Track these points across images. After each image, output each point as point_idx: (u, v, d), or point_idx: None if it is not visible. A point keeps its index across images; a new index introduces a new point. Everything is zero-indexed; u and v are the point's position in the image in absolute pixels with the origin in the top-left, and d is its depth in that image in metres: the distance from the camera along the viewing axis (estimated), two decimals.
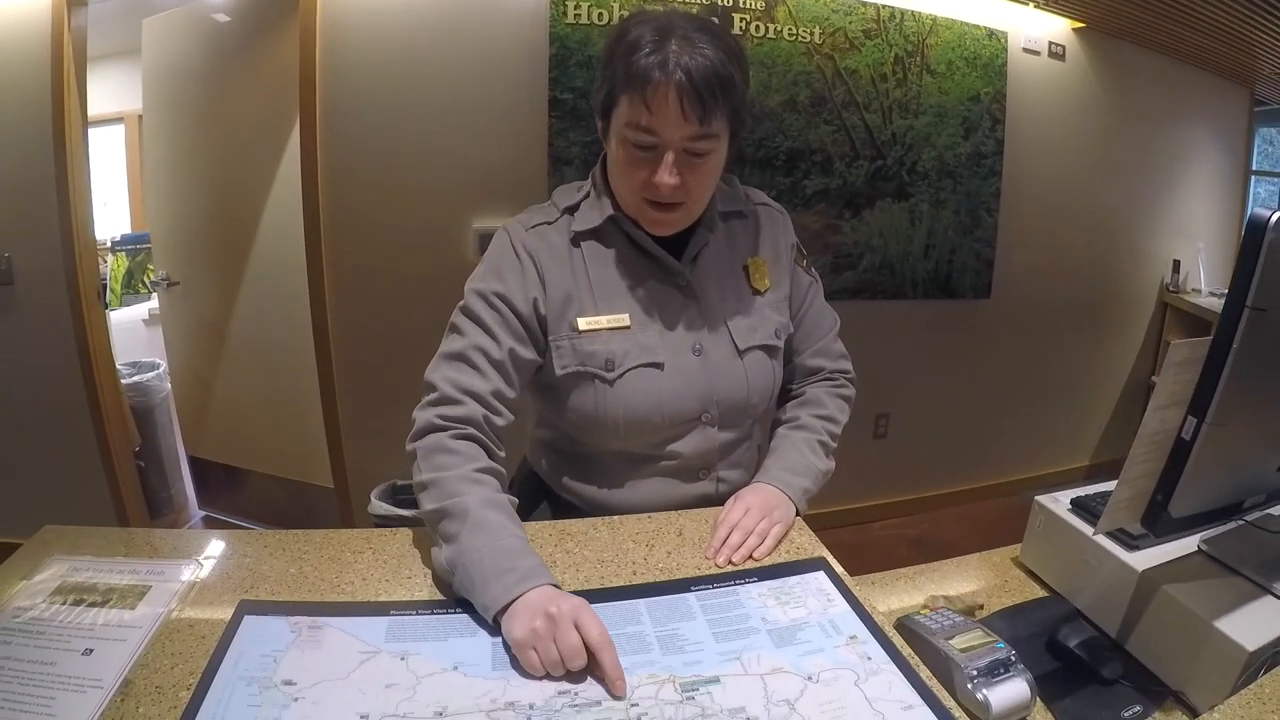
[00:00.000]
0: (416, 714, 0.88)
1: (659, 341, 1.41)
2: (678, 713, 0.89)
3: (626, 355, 1.39)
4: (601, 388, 1.39)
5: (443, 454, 1.24)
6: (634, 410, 1.39)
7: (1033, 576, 1.42)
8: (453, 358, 1.34)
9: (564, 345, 1.39)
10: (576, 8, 3.14)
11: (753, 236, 1.55)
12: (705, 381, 1.43)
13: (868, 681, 0.95)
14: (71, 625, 1.04)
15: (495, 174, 3.22)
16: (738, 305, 1.49)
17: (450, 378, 1.31)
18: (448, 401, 1.29)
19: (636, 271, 1.44)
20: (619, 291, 1.42)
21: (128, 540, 1.33)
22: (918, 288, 3.95)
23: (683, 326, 1.44)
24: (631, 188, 1.34)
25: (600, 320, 1.39)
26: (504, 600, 1.04)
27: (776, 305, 1.54)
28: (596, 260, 1.43)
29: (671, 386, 1.40)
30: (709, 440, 1.47)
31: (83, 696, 0.91)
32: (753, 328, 1.48)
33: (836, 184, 3.64)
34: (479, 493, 1.19)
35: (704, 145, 1.29)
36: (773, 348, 1.50)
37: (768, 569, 1.21)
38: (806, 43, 3.47)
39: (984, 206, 3.97)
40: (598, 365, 1.38)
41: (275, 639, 1.00)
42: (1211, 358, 0.95)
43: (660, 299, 1.43)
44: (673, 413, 1.41)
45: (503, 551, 1.10)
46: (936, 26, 3.67)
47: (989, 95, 3.85)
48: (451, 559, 1.12)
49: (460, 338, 1.35)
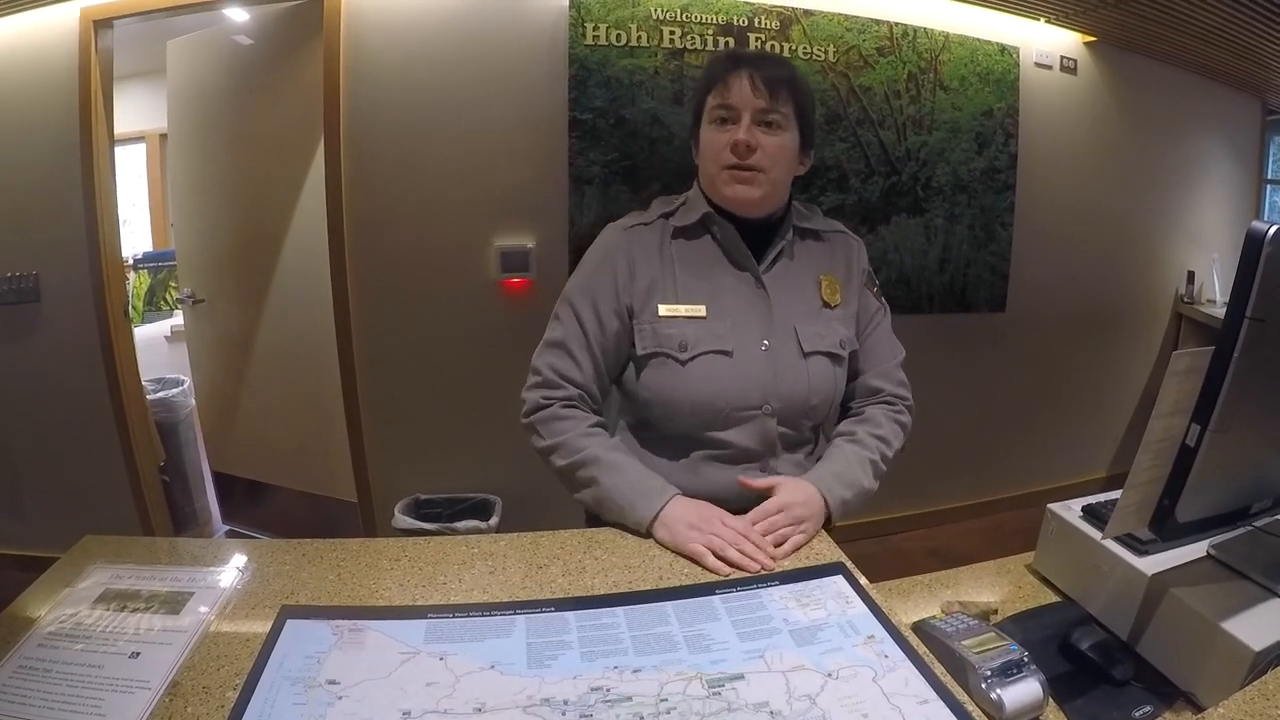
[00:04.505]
0: (456, 710, 0.91)
1: (730, 333, 1.54)
2: (705, 707, 0.92)
3: (699, 341, 1.53)
4: (674, 368, 1.53)
5: (558, 421, 1.54)
6: (701, 392, 1.53)
7: (1046, 582, 1.44)
8: (553, 345, 1.59)
9: (646, 329, 1.56)
10: (595, 29, 3.19)
11: (827, 256, 1.69)
12: (770, 375, 1.55)
13: (885, 678, 0.98)
14: (117, 630, 1.07)
15: (516, 193, 3.26)
16: (807, 312, 1.61)
17: (551, 364, 1.58)
18: (550, 385, 1.57)
19: (718, 270, 1.60)
20: (700, 285, 1.58)
21: (168, 549, 1.38)
22: (934, 302, 3.96)
23: (754, 323, 1.57)
24: (716, 155, 1.54)
25: (679, 309, 1.56)
26: (650, 514, 1.37)
27: (844, 320, 1.65)
28: (684, 256, 1.60)
29: (737, 374, 1.53)
30: (768, 432, 1.56)
31: (131, 697, 0.94)
32: (820, 335, 1.60)
33: (852, 200, 3.67)
34: (598, 442, 1.51)
35: (774, 118, 1.51)
36: (837, 356, 1.62)
37: (789, 573, 1.25)
38: (821, 61, 3.50)
39: (998, 220, 3.98)
40: (672, 347, 1.53)
41: (318, 641, 1.04)
42: (1213, 367, 0.98)
43: (736, 296, 1.58)
44: (736, 399, 1.53)
45: (636, 480, 1.44)
46: (949, 43, 3.70)
47: (1002, 110, 3.87)
48: (597, 497, 1.45)
49: (560, 326, 1.59)
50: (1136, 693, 1.14)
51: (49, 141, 3.21)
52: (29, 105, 3.19)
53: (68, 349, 3.38)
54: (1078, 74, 4.10)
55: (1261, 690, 0.94)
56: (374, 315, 3.31)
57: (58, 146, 3.21)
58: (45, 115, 3.20)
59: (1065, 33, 4.01)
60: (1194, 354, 1.02)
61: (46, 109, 3.19)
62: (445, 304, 3.27)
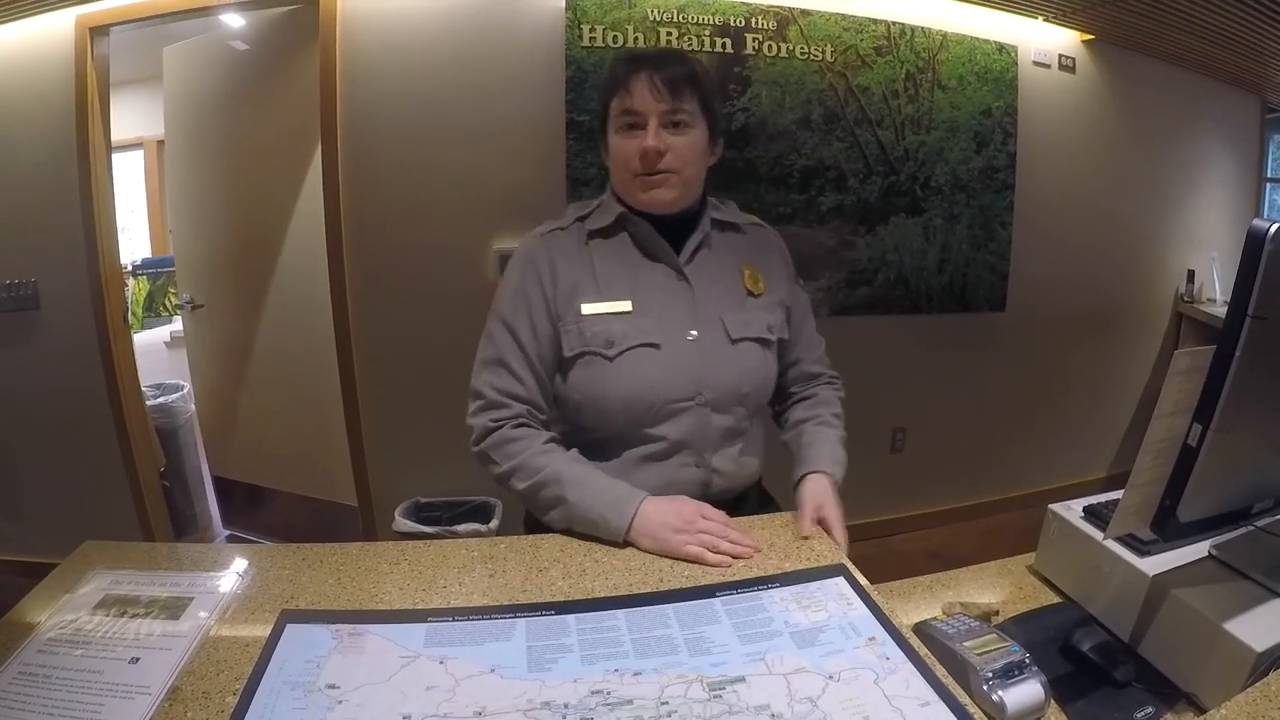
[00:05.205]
0: (456, 714, 0.91)
1: (657, 326, 1.55)
2: (706, 710, 0.92)
3: (625, 336, 1.53)
4: (602, 365, 1.53)
5: (510, 443, 1.51)
6: (631, 387, 1.53)
7: (1047, 583, 1.44)
8: (491, 364, 1.56)
9: (572, 329, 1.55)
10: (591, 31, 3.20)
11: (747, 248, 1.72)
12: (699, 364, 1.56)
13: (886, 680, 0.98)
14: (116, 636, 1.07)
15: (514, 195, 3.26)
16: (732, 301, 1.63)
17: (491, 383, 1.55)
18: (496, 406, 1.54)
19: (639, 266, 1.60)
20: (622, 282, 1.58)
21: (168, 555, 1.37)
22: (933, 302, 3.96)
23: (680, 314, 1.58)
24: (626, 163, 1.53)
25: (603, 306, 1.55)
26: (624, 524, 1.35)
27: (769, 308, 1.68)
28: (604, 256, 1.60)
29: (666, 366, 1.54)
30: (703, 423, 1.56)
31: (131, 702, 0.94)
32: (746, 322, 1.62)
33: (851, 200, 3.67)
34: (556, 458, 1.47)
35: (681, 117, 1.51)
36: (766, 340, 1.65)
37: (789, 575, 1.25)
38: (819, 61, 3.51)
39: (997, 220, 3.99)
40: (600, 345, 1.53)
41: (317, 645, 1.04)
42: (1215, 366, 0.98)
43: (660, 289, 1.59)
44: (666, 391, 1.54)
45: (602, 490, 1.41)
46: (947, 42, 3.71)
47: (1000, 109, 3.87)
48: (566, 515, 1.40)
49: (494, 343, 1.56)
50: (1138, 694, 1.14)
51: (47, 148, 3.22)
52: (26, 112, 3.19)
53: (67, 355, 3.38)
54: (1076, 72, 4.11)
55: (1264, 691, 0.94)
56: (373, 318, 3.31)
57: (55, 153, 3.21)
58: (43, 122, 3.20)
59: (1064, 31, 4.01)
60: (1195, 353, 1.02)
61: (44, 116, 3.19)
62: (444, 307, 3.27)
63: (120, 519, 3.53)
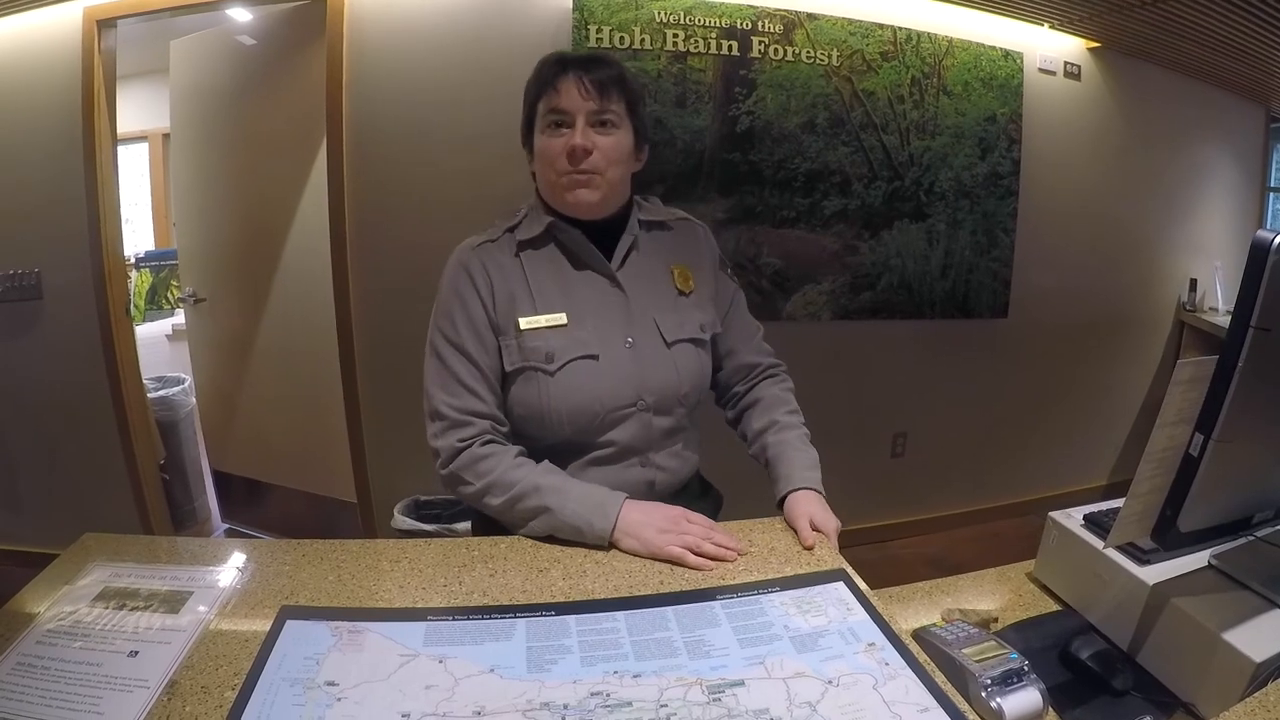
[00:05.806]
0: (455, 713, 0.91)
1: (594, 336, 1.55)
2: (705, 713, 0.93)
3: (564, 349, 1.53)
4: (543, 380, 1.52)
5: (481, 461, 1.47)
6: (573, 400, 1.52)
7: (1046, 591, 1.44)
8: (445, 383, 1.53)
9: (511, 345, 1.54)
10: (598, 31, 3.20)
11: (675, 245, 1.72)
12: (638, 371, 1.56)
13: (886, 685, 0.98)
14: (115, 629, 1.07)
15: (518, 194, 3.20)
16: (664, 303, 1.63)
17: (449, 403, 1.51)
18: (459, 425, 1.50)
19: (572, 275, 1.59)
20: (556, 294, 1.57)
21: (168, 548, 1.37)
22: (935, 308, 3.96)
23: (615, 322, 1.58)
24: (552, 161, 1.53)
25: (539, 320, 1.54)
26: (608, 526, 1.34)
27: (700, 305, 1.68)
28: (536, 267, 1.59)
29: (607, 376, 1.54)
30: (646, 427, 1.58)
31: (129, 696, 0.94)
32: (680, 324, 1.63)
33: (854, 205, 3.67)
34: (530, 470, 1.45)
35: (608, 117, 1.53)
36: (700, 340, 1.66)
37: (789, 579, 1.25)
38: (824, 65, 3.51)
39: (1001, 226, 3.98)
40: (539, 360, 1.52)
41: (317, 642, 1.04)
42: (1217, 376, 0.98)
43: (593, 298, 1.58)
44: (609, 400, 1.54)
45: (582, 496, 1.39)
46: (952, 48, 3.70)
47: (1005, 116, 3.87)
48: (549, 525, 1.38)
49: (444, 363, 1.54)
50: (1136, 703, 1.14)
51: (52, 140, 3.22)
52: (32, 104, 3.20)
53: (69, 347, 3.39)
54: (1081, 80, 4.10)
55: (1262, 702, 0.94)
56: (375, 315, 3.31)
57: (60, 145, 3.22)
58: (48, 114, 3.20)
59: (1069, 38, 4.01)
60: (1198, 363, 1.02)
61: (50, 108, 3.20)
62: None
63: (119, 511, 3.54)
